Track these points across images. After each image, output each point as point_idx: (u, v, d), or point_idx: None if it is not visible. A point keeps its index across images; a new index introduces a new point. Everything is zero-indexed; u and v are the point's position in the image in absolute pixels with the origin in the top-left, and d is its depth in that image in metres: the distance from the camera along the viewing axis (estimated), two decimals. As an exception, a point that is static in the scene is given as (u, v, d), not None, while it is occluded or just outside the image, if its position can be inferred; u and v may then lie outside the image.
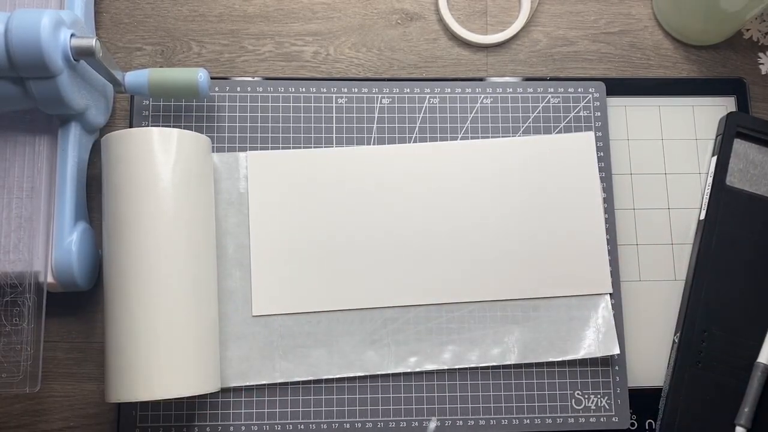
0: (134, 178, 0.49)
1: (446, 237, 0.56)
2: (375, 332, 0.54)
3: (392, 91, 0.59)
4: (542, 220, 0.56)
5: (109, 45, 0.60)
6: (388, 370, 0.54)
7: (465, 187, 0.56)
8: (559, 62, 0.61)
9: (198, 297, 0.50)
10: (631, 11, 0.62)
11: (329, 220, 0.56)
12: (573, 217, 0.56)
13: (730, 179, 0.57)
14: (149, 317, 0.47)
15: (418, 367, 0.54)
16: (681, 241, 0.58)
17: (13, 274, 0.51)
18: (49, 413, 0.55)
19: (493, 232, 0.56)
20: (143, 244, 0.48)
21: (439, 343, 0.54)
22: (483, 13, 0.62)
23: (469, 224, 0.56)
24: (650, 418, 0.55)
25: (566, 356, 0.54)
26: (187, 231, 0.49)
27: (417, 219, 0.56)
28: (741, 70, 0.62)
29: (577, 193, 0.57)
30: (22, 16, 0.46)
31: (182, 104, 0.58)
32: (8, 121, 0.53)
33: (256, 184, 0.56)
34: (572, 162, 0.57)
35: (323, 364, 0.54)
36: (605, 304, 0.55)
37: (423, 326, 0.55)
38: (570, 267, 0.56)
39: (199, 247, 0.50)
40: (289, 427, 0.54)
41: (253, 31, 0.61)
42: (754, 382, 0.53)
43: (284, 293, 0.54)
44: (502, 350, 0.54)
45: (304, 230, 0.55)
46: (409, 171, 0.57)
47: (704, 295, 0.55)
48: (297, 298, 0.54)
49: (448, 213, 0.56)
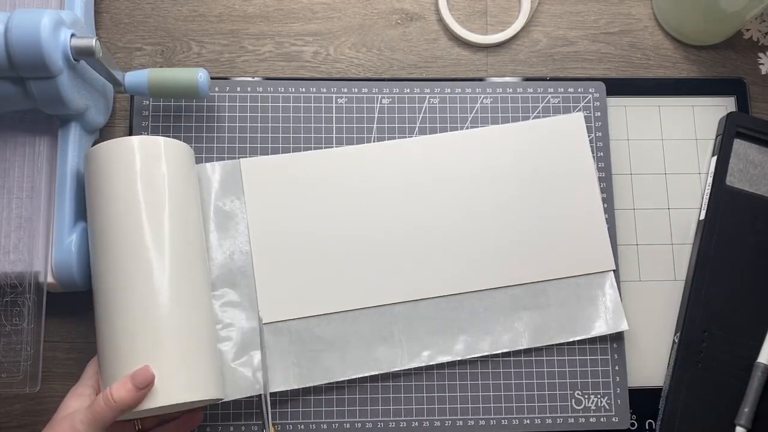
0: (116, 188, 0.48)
1: (447, 228, 0.56)
2: (385, 329, 0.54)
3: (392, 91, 0.59)
4: (541, 203, 0.56)
5: (109, 45, 0.60)
6: (401, 366, 0.54)
7: (462, 177, 0.57)
8: (559, 62, 0.61)
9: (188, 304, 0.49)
10: (631, 11, 0.62)
11: (329, 220, 0.55)
12: (570, 198, 0.57)
13: (730, 179, 0.57)
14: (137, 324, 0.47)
15: (432, 361, 0.54)
16: (681, 241, 0.58)
17: (13, 274, 0.51)
18: (49, 413, 0.54)
19: (493, 220, 0.56)
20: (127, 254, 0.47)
21: (451, 335, 0.54)
22: (483, 13, 0.62)
23: (469, 214, 0.56)
24: (650, 418, 0.55)
25: (576, 336, 0.55)
26: (171, 239, 0.48)
27: (416, 213, 0.56)
28: (741, 70, 0.62)
29: (572, 174, 0.57)
30: (22, 16, 0.46)
31: (182, 104, 0.58)
32: (8, 121, 0.53)
33: (252, 190, 0.56)
34: (565, 144, 0.57)
35: (336, 366, 0.53)
36: (610, 281, 0.56)
37: (432, 319, 0.54)
38: (572, 247, 0.56)
39: (187, 255, 0.49)
40: (289, 428, 0.54)
41: (253, 31, 0.61)
42: (754, 382, 0.53)
43: (291, 298, 0.54)
44: (513, 336, 0.55)
45: (304, 233, 0.55)
46: (406, 165, 0.57)
47: (704, 295, 0.55)
48: (304, 302, 0.54)
49: (447, 204, 0.56)
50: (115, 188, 0.48)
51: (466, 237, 0.56)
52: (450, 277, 0.55)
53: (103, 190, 0.49)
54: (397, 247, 0.55)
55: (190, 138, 0.57)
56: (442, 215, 0.56)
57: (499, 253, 0.56)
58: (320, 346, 0.53)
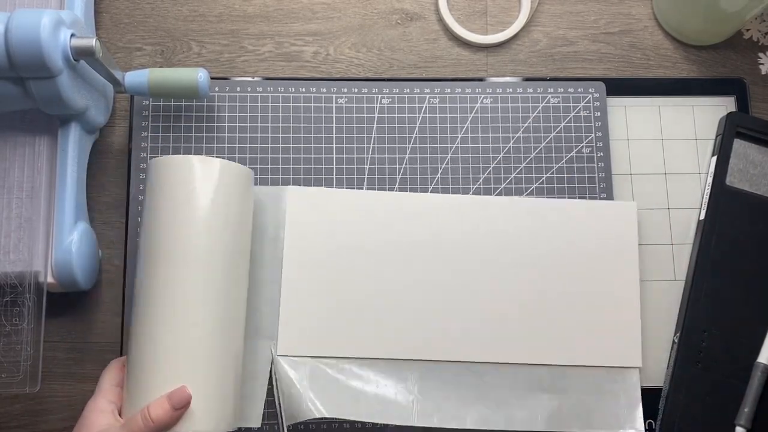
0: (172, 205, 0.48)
1: (480, 294, 0.55)
2: (400, 383, 0.53)
3: (392, 91, 0.59)
4: (576, 286, 0.55)
5: (109, 45, 0.60)
6: (411, 423, 0.53)
7: (501, 244, 0.55)
8: (559, 62, 0.61)
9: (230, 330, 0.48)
10: (631, 11, 0.62)
11: (362, 265, 0.54)
12: (607, 286, 0.55)
13: (730, 179, 0.57)
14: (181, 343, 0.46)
15: (442, 424, 0.52)
16: (681, 241, 0.58)
17: (13, 274, 0.51)
18: (49, 413, 0.55)
19: (527, 295, 0.55)
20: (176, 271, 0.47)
21: (465, 403, 0.53)
22: (483, 13, 0.62)
23: (504, 284, 0.55)
24: (650, 418, 0.55)
25: (591, 429, 0.53)
26: (221, 261, 0.48)
27: (451, 273, 0.55)
28: (741, 70, 0.62)
29: (613, 262, 0.56)
30: (22, 16, 0.46)
31: (182, 104, 0.58)
32: (8, 121, 0.53)
33: (294, 220, 0.55)
34: (611, 230, 0.56)
35: (350, 406, 0.52)
36: (635, 379, 0.54)
37: (449, 384, 0.53)
38: (602, 337, 0.55)
39: (236, 280, 0.49)
40: (289, 427, 0.53)
41: (253, 31, 0.61)
42: (754, 382, 0.53)
43: (311, 335, 0.53)
44: (528, 415, 0.53)
45: (336, 273, 0.54)
46: (447, 224, 0.55)
47: (704, 295, 0.55)
48: (323, 342, 0.53)
49: (484, 270, 0.55)
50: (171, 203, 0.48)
51: (497, 307, 0.54)
52: (474, 344, 0.54)
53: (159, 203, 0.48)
54: (426, 303, 0.54)
55: (190, 138, 0.57)
56: (476, 280, 0.55)
57: (527, 330, 0.54)
58: (335, 388, 0.52)
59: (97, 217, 0.57)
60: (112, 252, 0.57)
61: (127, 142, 0.58)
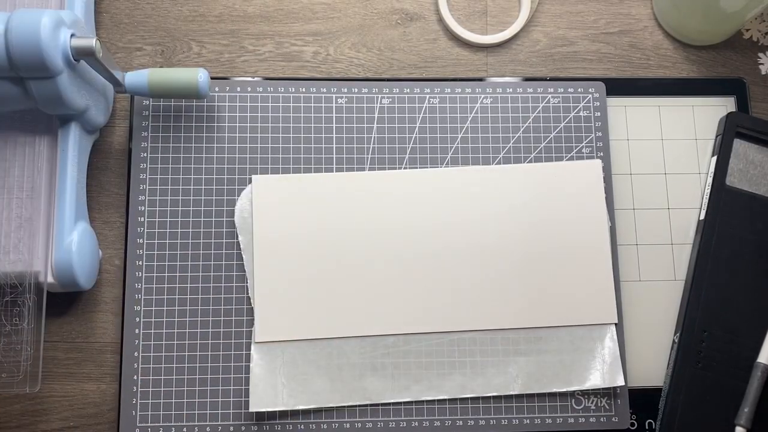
0: None
1: (450, 264, 0.55)
2: (377, 359, 0.54)
3: (392, 91, 0.59)
4: (547, 248, 0.55)
5: (109, 45, 0.60)
6: (390, 399, 0.53)
7: (469, 213, 0.56)
8: (559, 62, 0.61)
9: None
10: (631, 11, 0.62)
11: (333, 246, 0.55)
12: (579, 246, 0.56)
13: (729, 179, 0.57)
14: None
15: (421, 396, 0.54)
16: (681, 241, 0.58)
17: (13, 274, 0.51)
18: (49, 413, 0.55)
19: (497, 260, 0.55)
20: None
21: (442, 373, 0.54)
22: (483, 13, 0.62)
23: (473, 251, 0.55)
24: (650, 418, 0.55)
25: (570, 387, 0.54)
26: None
27: (421, 246, 0.55)
28: (741, 70, 0.62)
29: (583, 221, 0.56)
30: (22, 16, 0.46)
31: (182, 104, 0.58)
32: (8, 121, 0.53)
33: (261, 208, 0.55)
34: (579, 190, 0.56)
35: (325, 392, 0.53)
36: (611, 334, 0.55)
37: (425, 354, 0.54)
38: (575, 296, 0.55)
39: None
40: (289, 427, 0.54)
41: (253, 31, 0.61)
42: (754, 382, 0.53)
43: (287, 320, 0.54)
44: (505, 380, 0.54)
45: (307, 256, 0.55)
46: (414, 197, 0.56)
47: (704, 295, 0.55)
48: (300, 326, 0.54)
49: (452, 240, 0.55)
50: None
51: (468, 275, 0.55)
52: (447, 314, 0.54)
53: None
54: (398, 278, 0.55)
55: (190, 138, 0.57)
56: (446, 250, 0.55)
57: (500, 295, 0.55)
58: (311, 370, 0.53)
59: (97, 217, 0.57)
60: (112, 252, 0.57)
61: (127, 142, 0.58)
